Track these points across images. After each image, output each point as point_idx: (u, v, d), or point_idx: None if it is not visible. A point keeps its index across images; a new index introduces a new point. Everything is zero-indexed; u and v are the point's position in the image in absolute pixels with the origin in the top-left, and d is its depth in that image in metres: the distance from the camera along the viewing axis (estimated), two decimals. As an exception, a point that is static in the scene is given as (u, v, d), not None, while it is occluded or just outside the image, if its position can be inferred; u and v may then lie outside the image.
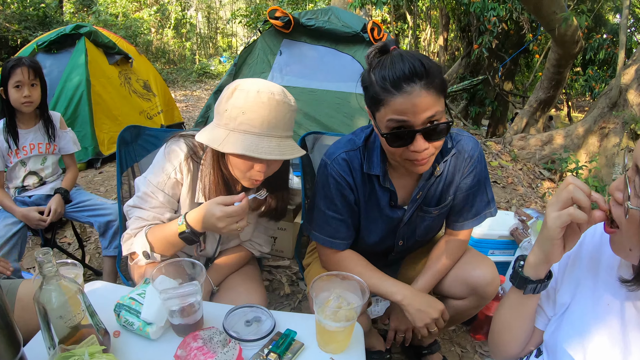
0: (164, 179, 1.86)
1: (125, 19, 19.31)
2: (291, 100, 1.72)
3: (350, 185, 1.88)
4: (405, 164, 1.67)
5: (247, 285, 2.06)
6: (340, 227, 1.94)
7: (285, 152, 1.65)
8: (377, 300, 2.33)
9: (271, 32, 5.45)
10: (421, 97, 1.49)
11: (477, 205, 1.99)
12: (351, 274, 1.52)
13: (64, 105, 5.98)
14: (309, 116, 4.91)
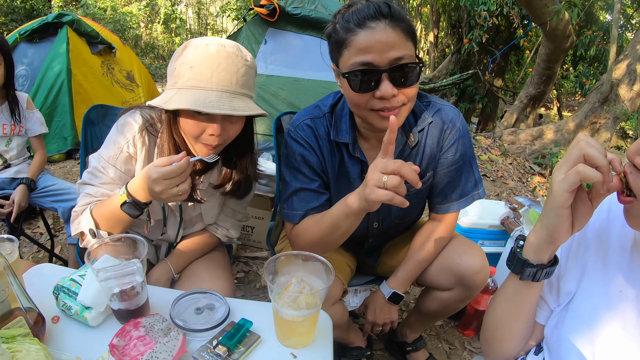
0: (116, 153, 1.68)
1: (113, 12, 19.09)
2: (247, 56, 1.55)
3: (316, 151, 1.71)
4: (373, 120, 1.50)
5: (211, 272, 1.90)
6: (307, 197, 1.72)
7: (238, 108, 1.46)
8: (356, 291, 2.19)
9: (256, 21, 5.30)
10: (387, 34, 1.38)
11: (462, 185, 1.81)
12: (314, 255, 1.29)
13: (44, 94, 5.84)
14: (293, 106, 4.77)
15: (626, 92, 7.19)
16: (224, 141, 1.58)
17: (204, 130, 1.52)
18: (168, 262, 1.88)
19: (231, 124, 1.54)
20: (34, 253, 3.51)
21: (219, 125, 1.50)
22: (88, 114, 2.14)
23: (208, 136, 1.52)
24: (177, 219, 1.91)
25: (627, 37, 14.34)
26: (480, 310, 2.68)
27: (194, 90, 1.46)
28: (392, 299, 1.93)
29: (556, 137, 7.62)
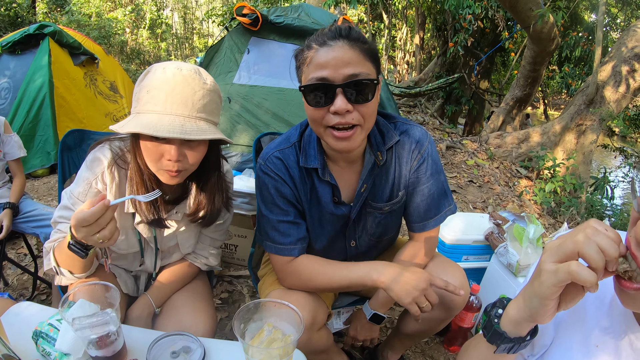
0: (85, 189, 1.64)
1: (98, 19, 18.95)
2: (207, 79, 1.52)
3: (287, 182, 1.72)
4: (328, 139, 1.54)
5: (193, 305, 1.85)
6: (289, 230, 1.75)
7: (190, 132, 1.41)
8: (339, 313, 2.16)
9: (239, 30, 5.25)
10: (343, 51, 1.44)
11: (436, 202, 1.83)
12: (285, 302, 1.27)
13: (26, 109, 5.76)
14: (277, 116, 4.73)
15: (612, 93, 7.22)
16: (185, 168, 1.53)
17: (161, 155, 1.48)
18: (148, 297, 1.84)
19: (190, 149, 1.50)
20: (18, 275, 3.46)
21: (177, 151, 1.45)
22: (65, 139, 2.09)
23: (166, 162, 1.48)
24: (153, 250, 1.87)
25: (612, 37, 14.43)
26: (464, 328, 2.66)
27: (149, 114, 1.43)
28: (373, 319, 1.93)
29: (542, 139, 7.65)
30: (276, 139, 1.83)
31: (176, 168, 1.49)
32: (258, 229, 1.85)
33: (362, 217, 1.84)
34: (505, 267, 2.64)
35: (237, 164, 4.66)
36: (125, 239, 1.76)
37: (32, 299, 3.13)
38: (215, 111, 1.57)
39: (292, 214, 1.75)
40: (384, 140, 1.74)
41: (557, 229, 5.77)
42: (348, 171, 1.76)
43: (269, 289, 1.87)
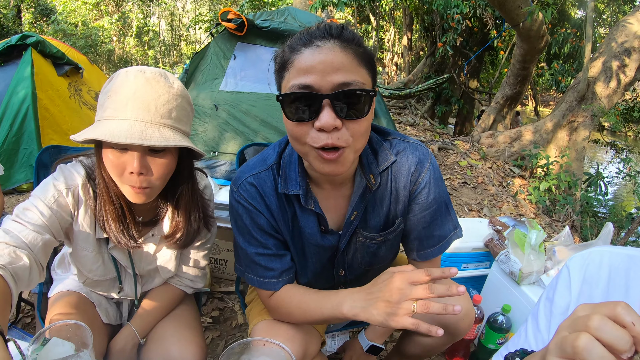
0: (54, 195, 1.45)
1: (85, 28, 18.87)
2: (173, 83, 1.37)
3: (263, 212, 1.49)
4: (313, 161, 1.27)
5: (180, 335, 1.73)
6: (270, 263, 1.53)
7: (151, 138, 1.26)
8: (334, 336, 2.05)
9: (224, 36, 5.16)
10: (333, 54, 1.17)
11: (439, 229, 1.61)
12: (277, 342, 1.12)
13: (9, 122, 5.61)
14: (265, 123, 4.63)
15: (603, 89, 7.19)
16: (151, 183, 1.38)
17: (124, 168, 1.33)
18: (132, 327, 1.71)
19: (155, 160, 1.35)
20: None
21: (138, 161, 1.31)
22: (40, 157, 1.95)
23: (129, 175, 1.33)
24: (131, 276, 1.74)
25: (599, 32, 14.48)
26: (467, 340, 2.56)
27: (110, 120, 1.29)
28: (370, 350, 1.79)
29: (535, 137, 7.60)
30: (251, 159, 1.60)
31: (139, 184, 1.35)
32: (237, 260, 1.63)
33: (352, 246, 1.61)
34: (507, 275, 2.54)
35: (226, 172, 4.55)
36: (102, 265, 1.63)
37: (16, 322, 3.01)
38: (183, 119, 1.41)
39: (272, 246, 1.53)
40: (377, 160, 1.49)
41: (553, 228, 5.71)
42: (335, 195, 1.52)
43: (256, 319, 1.69)
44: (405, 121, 10.70)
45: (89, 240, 1.57)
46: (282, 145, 1.55)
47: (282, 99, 1.22)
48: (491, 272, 2.70)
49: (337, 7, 9.05)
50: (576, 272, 1.09)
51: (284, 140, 1.55)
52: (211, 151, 4.63)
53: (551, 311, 1.09)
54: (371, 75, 1.26)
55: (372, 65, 1.27)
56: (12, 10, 16.40)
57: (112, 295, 1.78)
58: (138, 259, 1.71)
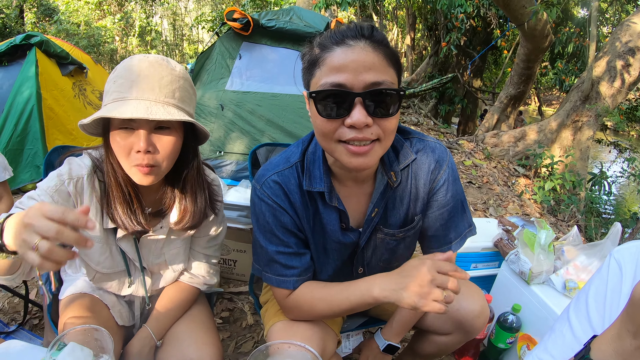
0: (57, 184, 1.46)
1: (87, 27, 18.89)
2: (175, 66, 1.42)
3: (287, 210, 1.51)
4: (341, 155, 1.29)
5: (196, 336, 1.74)
6: (290, 261, 1.55)
7: (156, 113, 1.30)
8: (349, 336, 2.05)
9: (230, 35, 5.17)
10: (365, 53, 1.20)
11: (456, 226, 1.64)
12: (302, 344, 1.14)
13: (14, 122, 5.60)
14: (271, 123, 4.64)
15: (607, 89, 7.19)
16: (156, 162, 1.39)
17: (131, 148, 1.36)
18: (148, 329, 1.71)
19: (160, 138, 1.38)
20: (9, 298, 3.34)
21: (145, 138, 1.34)
22: (49, 157, 1.96)
23: (136, 154, 1.36)
24: (140, 270, 1.73)
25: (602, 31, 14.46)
26: (477, 339, 2.57)
27: (115, 102, 1.33)
28: (387, 350, 1.80)
29: (539, 137, 7.60)
30: (273, 157, 1.62)
31: (146, 162, 1.36)
32: (255, 260, 1.64)
33: (371, 242, 1.63)
34: (517, 275, 2.54)
35: (232, 172, 4.56)
36: (110, 256, 1.64)
37: (24, 324, 3.02)
38: (187, 100, 1.45)
39: (293, 245, 1.55)
40: (398, 158, 1.51)
41: (558, 227, 5.72)
42: (357, 192, 1.54)
43: (272, 320, 1.69)
44: (409, 120, 10.71)
45: (95, 230, 1.57)
46: (305, 143, 1.56)
47: (315, 95, 1.24)
48: (501, 272, 2.70)
49: (341, 6, 9.07)
50: (628, 265, 1.13)
51: (306, 139, 1.57)
52: (217, 151, 4.63)
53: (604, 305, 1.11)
54: (398, 75, 1.29)
55: (399, 66, 1.30)
56: (14, 10, 16.44)
57: (123, 292, 1.77)
58: (147, 252, 1.71)
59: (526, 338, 2.38)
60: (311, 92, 1.26)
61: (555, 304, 2.29)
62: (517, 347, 2.40)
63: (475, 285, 1.81)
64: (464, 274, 1.27)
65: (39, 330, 3.02)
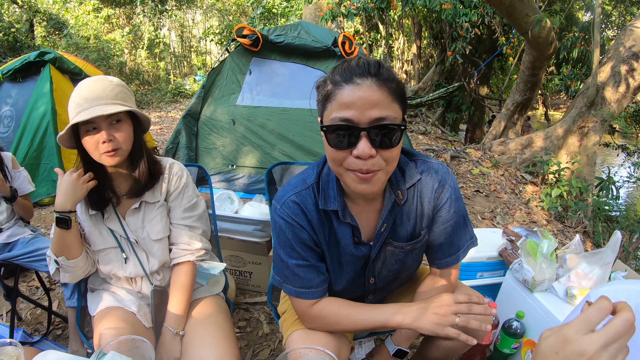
0: None
1: (97, 41, 19.06)
2: (112, 80, 1.88)
3: (306, 227, 1.66)
4: (348, 180, 1.45)
5: (216, 344, 1.87)
6: (309, 274, 1.70)
7: (106, 110, 1.76)
8: (360, 343, 2.15)
9: (240, 51, 5.29)
10: (371, 91, 1.33)
11: (459, 239, 1.79)
12: (322, 348, 1.27)
13: (30, 137, 5.75)
14: (282, 136, 4.75)
15: (612, 94, 7.22)
16: (118, 145, 1.84)
17: (97, 142, 1.80)
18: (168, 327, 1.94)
19: (117, 130, 1.83)
20: (31, 309, 3.45)
21: (106, 132, 1.79)
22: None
23: (102, 145, 1.80)
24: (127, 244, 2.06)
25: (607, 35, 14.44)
26: (482, 345, 2.65)
27: (78, 115, 1.76)
28: (397, 354, 1.91)
29: (546, 144, 7.64)
30: (291, 179, 1.76)
31: (111, 147, 1.81)
32: (276, 272, 1.79)
33: (382, 255, 1.77)
34: (520, 283, 2.63)
35: (245, 186, 4.67)
36: (100, 236, 2.02)
37: (47, 334, 3.13)
38: (127, 99, 1.89)
39: (312, 258, 1.70)
40: (404, 178, 1.66)
41: (565, 234, 5.77)
42: (367, 209, 1.69)
43: (291, 329, 1.84)
44: (416, 130, 10.78)
45: (84, 216, 2.02)
46: (320, 166, 1.71)
47: (326, 129, 1.40)
48: (505, 280, 2.79)
49: (348, 18, 9.17)
50: None
51: (321, 162, 1.72)
52: (229, 165, 4.75)
53: None
54: (402, 107, 1.43)
55: (404, 98, 1.44)
56: (25, 25, 16.66)
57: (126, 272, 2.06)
58: (133, 227, 2.06)
59: (530, 343, 2.46)
60: (322, 125, 1.43)
61: (557, 310, 2.38)
62: (522, 352, 2.48)
63: (478, 293, 1.91)
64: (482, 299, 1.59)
65: (62, 341, 3.12)
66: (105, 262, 2.06)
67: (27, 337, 3.06)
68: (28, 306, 3.48)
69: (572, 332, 0.82)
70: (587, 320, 0.82)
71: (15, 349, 1.33)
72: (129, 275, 2.07)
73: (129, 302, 2.02)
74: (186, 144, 4.91)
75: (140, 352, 1.33)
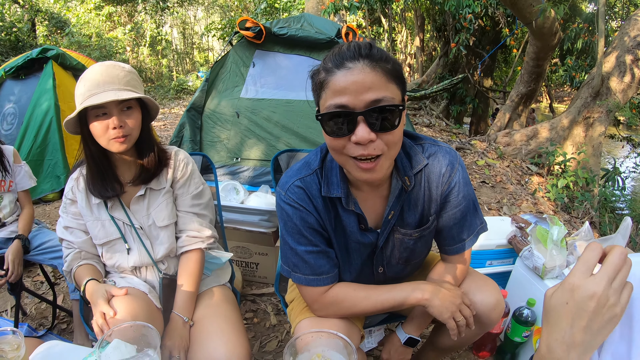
0: (65, 202, 2.05)
1: (99, 39, 19.07)
2: (125, 66, 1.87)
3: (311, 211, 1.62)
4: (351, 169, 1.43)
5: (226, 337, 1.84)
6: (319, 260, 1.66)
7: (120, 95, 1.75)
8: (371, 332, 2.13)
9: (243, 44, 5.26)
10: (364, 74, 1.29)
11: (469, 224, 1.75)
12: (336, 332, 1.24)
13: (34, 133, 5.74)
14: (286, 128, 4.72)
15: (617, 84, 7.17)
16: (129, 132, 1.84)
17: (107, 127, 1.78)
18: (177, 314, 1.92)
19: (127, 116, 1.83)
20: (36, 304, 3.44)
21: (117, 118, 1.78)
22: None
23: (112, 131, 1.78)
24: (134, 233, 2.04)
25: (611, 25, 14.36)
26: (493, 333, 2.63)
27: (90, 98, 1.74)
28: (408, 343, 1.88)
29: (551, 135, 7.60)
30: (294, 164, 1.73)
31: (121, 134, 1.80)
32: (284, 261, 1.75)
33: (390, 242, 1.75)
34: (531, 271, 2.61)
35: (250, 178, 4.65)
36: (102, 228, 2.00)
37: (52, 328, 3.12)
38: (137, 86, 1.89)
39: (321, 243, 1.67)
40: (411, 164, 1.62)
41: (572, 224, 5.74)
42: (373, 196, 1.66)
43: (299, 317, 1.81)
44: (421, 122, 10.75)
45: (86, 210, 2.00)
46: (324, 151, 1.67)
47: (321, 117, 1.37)
48: (515, 268, 2.77)
49: (350, 10, 9.13)
50: None
51: (324, 147, 1.67)
52: (234, 157, 4.72)
53: None
54: (400, 87, 1.38)
55: (401, 79, 1.39)
56: (26, 24, 16.68)
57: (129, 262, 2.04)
58: (138, 215, 2.05)
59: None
60: (317, 114, 1.40)
61: (568, 297, 2.35)
62: (533, 340, 2.46)
63: (490, 280, 1.89)
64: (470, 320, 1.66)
65: (67, 335, 3.11)
66: (109, 255, 2.05)
67: (32, 331, 3.04)
68: (33, 301, 3.47)
69: (575, 279, 0.86)
70: (585, 264, 0.86)
71: (16, 337, 1.31)
72: (134, 265, 2.05)
73: (137, 285, 2.00)
74: (190, 138, 4.89)
75: (145, 340, 1.31)
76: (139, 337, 1.30)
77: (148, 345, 1.27)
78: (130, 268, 2.06)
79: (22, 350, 1.30)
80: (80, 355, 1.37)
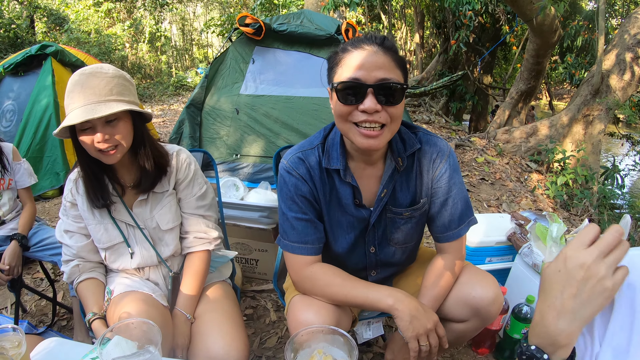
0: (65, 205, 1.99)
1: (98, 35, 19.03)
2: (108, 70, 1.76)
3: (307, 181, 1.76)
4: (354, 136, 1.59)
5: (225, 331, 1.85)
6: (307, 228, 1.78)
7: (99, 111, 1.66)
8: (369, 323, 2.14)
9: (242, 40, 5.26)
10: (377, 56, 1.52)
11: (460, 212, 1.83)
12: (337, 329, 1.27)
13: (33, 130, 5.71)
14: (286, 125, 4.73)
15: (617, 82, 7.17)
16: (117, 142, 1.76)
17: (93, 141, 1.71)
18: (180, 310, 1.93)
19: (113, 127, 1.73)
20: (36, 301, 3.44)
21: (101, 133, 1.70)
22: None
23: (98, 144, 1.71)
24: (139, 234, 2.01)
25: (611, 23, 14.35)
26: (493, 330, 2.63)
27: (71, 112, 1.68)
28: None
29: (550, 132, 7.60)
30: (300, 142, 1.88)
31: (107, 146, 1.73)
32: (280, 231, 1.87)
33: (382, 221, 1.86)
34: (530, 267, 2.61)
35: (249, 175, 4.65)
36: (105, 232, 1.97)
37: (52, 325, 3.11)
38: (124, 91, 1.78)
39: (311, 213, 1.79)
40: (405, 147, 1.77)
41: (571, 222, 5.74)
42: (369, 174, 1.80)
43: (291, 295, 1.88)
44: (420, 119, 10.76)
45: (87, 213, 1.96)
46: (327, 130, 1.83)
47: (337, 86, 1.55)
48: (514, 265, 2.77)
49: (349, 7, 9.12)
50: None
51: (328, 127, 1.84)
52: (233, 154, 4.73)
53: None
54: (404, 77, 1.60)
55: (405, 69, 1.61)
56: (25, 21, 16.65)
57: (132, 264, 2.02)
58: (141, 218, 2.01)
59: (541, 328, 2.45)
60: (334, 83, 1.59)
61: (568, 294, 2.35)
62: (533, 337, 2.46)
63: (489, 274, 1.90)
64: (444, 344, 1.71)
65: (67, 332, 3.10)
66: (113, 258, 2.03)
67: (32, 328, 3.03)
68: (32, 298, 3.47)
69: (569, 251, 0.93)
70: (581, 239, 0.92)
71: (17, 334, 1.31)
72: (138, 266, 2.04)
73: (141, 286, 1.98)
74: (190, 134, 4.89)
75: (146, 336, 1.31)
76: (140, 333, 1.30)
77: (149, 342, 1.27)
78: (134, 268, 2.05)
79: (23, 348, 1.29)
80: (82, 352, 1.37)
